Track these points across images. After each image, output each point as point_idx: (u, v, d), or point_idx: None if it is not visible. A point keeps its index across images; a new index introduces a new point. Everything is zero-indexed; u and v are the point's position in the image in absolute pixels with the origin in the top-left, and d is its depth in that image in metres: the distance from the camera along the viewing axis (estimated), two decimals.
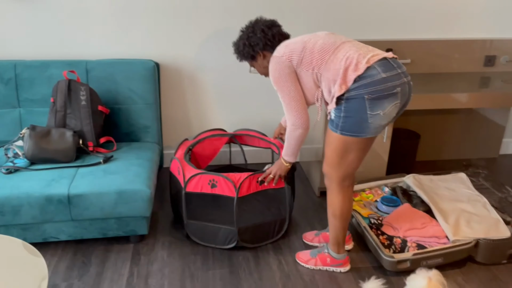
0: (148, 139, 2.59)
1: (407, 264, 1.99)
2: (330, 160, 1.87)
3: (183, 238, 2.28)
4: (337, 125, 1.77)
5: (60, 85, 2.30)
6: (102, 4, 2.55)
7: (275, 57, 1.83)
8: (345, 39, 1.81)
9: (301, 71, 1.81)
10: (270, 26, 1.94)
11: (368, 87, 1.66)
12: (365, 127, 1.72)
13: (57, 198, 1.99)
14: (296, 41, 1.83)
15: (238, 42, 1.99)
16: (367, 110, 1.68)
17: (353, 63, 1.69)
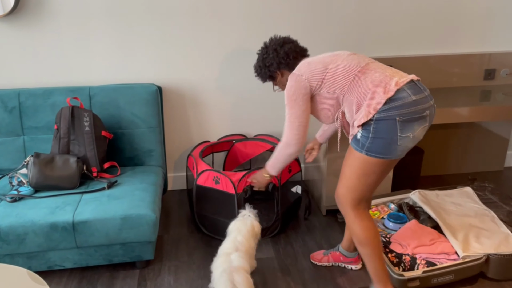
0: (152, 163, 2.59)
1: (417, 282, 1.96)
2: (348, 182, 1.80)
3: (190, 262, 2.25)
4: (363, 145, 1.71)
5: (63, 112, 2.32)
6: (103, 29, 2.59)
7: (295, 75, 1.81)
8: (368, 60, 1.78)
9: (322, 92, 1.78)
10: (282, 44, 1.92)
11: (400, 109, 1.64)
12: (393, 149, 1.68)
13: (62, 225, 1.98)
14: (318, 61, 1.80)
15: (256, 65, 2.01)
16: (398, 132, 1.65)
17: (382, 85, 1.67)
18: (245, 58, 2.78)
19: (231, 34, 2.72)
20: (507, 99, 2.68)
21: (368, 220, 1.84)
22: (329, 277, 2.13)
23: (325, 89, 1.77)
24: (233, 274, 1.73)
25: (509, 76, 3.00)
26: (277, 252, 2.33)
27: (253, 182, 2.16)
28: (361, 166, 1.74)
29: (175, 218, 2.67)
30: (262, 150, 2.81)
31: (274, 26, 2.73)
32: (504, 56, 2.95)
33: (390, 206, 2.52)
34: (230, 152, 2.86)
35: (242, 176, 2.28)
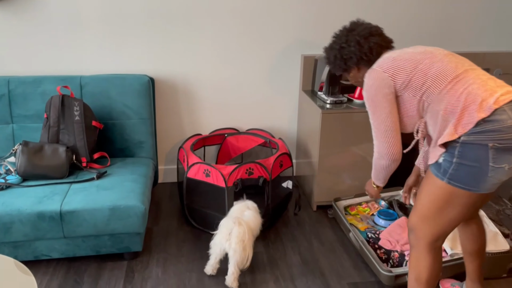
0: (143, 155, 2.57)
1: (405, 279, 1.96)
2: (424, 212, 1.52)
3: (178, 254, 2.24)
4: (445, 172, 1.43)
5: (53, 101, 2.29)
6: (96, 19, 2.56)
7: (376, 70, 1.54)
8: (468, 66, 1.47)
9: (406, 95, 1.51)
10: (367, 36, 1.62)
11: (495, 134, 1.34)
12: (481, 180, 1.39)
13: (49, 214, 1.96)
14: (406, 57, 1.52)
15: (328, 52, 1.72)
16: (490, 161, 1.36)
17: (477, 101, 1.37)
18: (240, 51, 2.76)
19: (225, 27, 2.70)
20: None
21: (439, 262, 1.59)
22: (317, 273, 2.13)
23: (409, 92, 1.50)
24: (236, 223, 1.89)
25: (502, 76, 3.01)
26: (266, 247, 2.32)
27: (368, 194, 1.92)
28: (441, 196, 1.47)
29: (165, 211, 2.66)
30: (254, 144, 2.80)
31: (268, 19, 2.71)
32: (498, 56, 2.96)
33: (381, 203, 2.53)
34: (222, 146, 2.85)
35: (233, 169, 2.27)
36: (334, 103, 2.53)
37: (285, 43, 2.78)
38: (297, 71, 2.86)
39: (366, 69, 1.64)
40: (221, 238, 1.94)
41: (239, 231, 1.91)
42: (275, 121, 2.97)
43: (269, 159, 2.41)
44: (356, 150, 2.53)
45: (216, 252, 1.99)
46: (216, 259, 2.03)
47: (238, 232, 1.91)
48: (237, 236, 1.91)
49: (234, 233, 1.91)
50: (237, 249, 1.91)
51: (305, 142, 2.79)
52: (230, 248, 1.92)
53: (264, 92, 2.89)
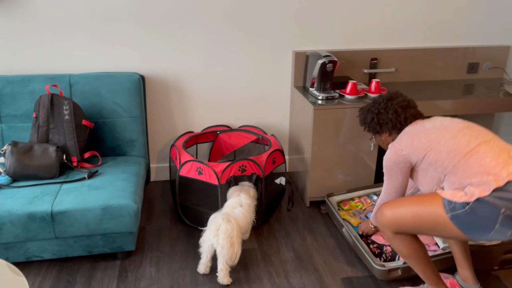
0: (134, 153, 2.55)
1: (398, 273, 1.97)
2: (403, 218, 1.65)
3: (172, 253, 2.23)
4: (453, 209, 1.54)
5: (42, 100, 2.26)
6: (85, 16, 2.53)
7: (395, 147, 1.72)
8: (482, 139, 1.60)
9: (424, 167, 1.67)
10: (405, 107, 1.79)
11: (508, 203, 1.47)
12: (481, 233, 1.52)
13: (40, 215, 1.94)
14: (423, 136, 1.67)
15: (365, 113, 1.89)
16: (497, 223, 1.48)
17: (491, 174, 1.50)
18: (231, 48, 2.75)
19: (216, 24, 2.68)
20: (489, 93, 2.71)
21: (410, 236, 1.73)
22: (311, 268, 2.13)
23: (425, 165, 1.66)
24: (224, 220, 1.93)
25: (491, 70, 3.04)
26: (260, 243, 2.32)
27: (361, 231, 2.18)
28: (433, 221, 1.60)
29: (157, 209, 2.64)
30: (246, 141, 2.79)
31: (259, 15, 2.70)
32: (487, 50, 2.98)
33: (373, 198, 2.54)
34: (214, 143, 2.84)
35: (225, 167, 2.27)
36: (325, 99, 2.53)
37: (276, 39, 2.77)
38: (288, 67, 2.86)
39: (396, 135, 1.81)
40: (209, 234, 1.95)
41: (226, 228, 1.92)
42: (267, 117, 2.96)
43: (262, 156, 2.41)
44: (348, 146, 2.54)
45: (205, 250, 2.00)
46: (207, 257, 2.03)
47: (226, 228, 1.92)
48: (225, 232, 1.92)
49: (222, 229, 1.92)
50: (224, 245, 1.92)
51: (298, 138, 2.79)
52: (218, 244, 1.93)
53: (256, 89, 2.88)
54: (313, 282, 2.03)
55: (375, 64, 2.87)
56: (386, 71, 2.90)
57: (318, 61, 2.53)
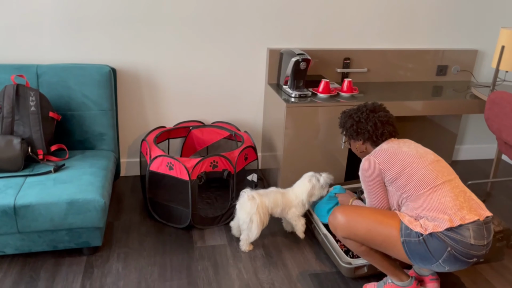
0: (104, 147, 2.50)
1: (364, 270, 2.01)
2: (356, 227, 1.75)
3: (140, 249, 2.20)
4: (408, 235, 1.67)
5: (7, 90, 2.19)
6: (54, 6, 2.46)
7: (372, 161, 1.79)
8: (448, 177, 1.72)
9: (390, 188, 1.78)
10: (385, 123, 1.88)
11: (455, 243, 1.60)
12: (423, 263, 1.67)
13: (2, 209, 1.88)
14: (399, 157, 1.76)
15: (346, 117, 1.97)
16: (440, 258, 1.63)
17: (447, 214, 1.63)
18: (205, 43, 2.73)
19: (190, 18, 2.65)
20: (457, 95, 2.79)
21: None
22: (280, 264, 2.14)
23: (393, 187, 1.76)
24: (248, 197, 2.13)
25: (460, 73, 3.12)
26: (230, 239, 2.32)
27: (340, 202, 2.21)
28: (385, 239, 1.71)
29: (127, 204, 2.60)
30: (219, 137, 2.78)
31: (234, 11, 2.69)
32: (456, 53, 3.06)
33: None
34: (187, 139, 2.81)
35: (196, 162, 2.25)
36: (298, 96, 2.55)
37: (250, 36, 2.77)
38: (262, 64, 2.86)
39: (370, 146, 1.92)
40: (237, 207, 2.19)
41: (247, 204, 2.13)
42: (241, 114, 2.96)
43: (233, 152, 2.40)
44: (320, 143, 2.56)
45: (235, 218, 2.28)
46: (236, 224, 2.28)
47: (246, 205, 2.13)
48: (245, 208, 2.13)
49: (243, 205, 2.15)
50: (244, 220, 2.14)
51: (270, 135, 2.80)
52: (239, 218, 2.16)
53: (230, 85, 2.87)
54: (281, 278, 2.05)
55: (348, 63, 2.90)
56: (358, 71, 2.94)
57: (292, 59, 2.54)
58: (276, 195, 2.22)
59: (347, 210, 1.80)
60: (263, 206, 2.15)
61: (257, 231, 2.15)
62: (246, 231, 2.18)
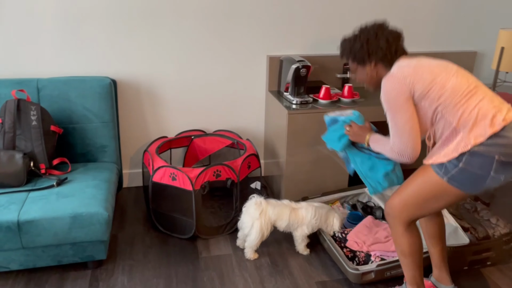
0: (106, 159, 2.49)
1: (372, 276, 2.00)
2: (409, 200, 1.64)
3: (145, 261, 2.19)
4: (447, 171, 1.54)
5: (8, 105, 2.18)
6: (53, 19, 2.46)
7: (396, 77, 1.58)
8: (476, 82, 1.58)
9: (422, 104, 1.58)
10: (397, 37, 1.69)
11: (502, 148, 1.47)
12: (478, 185, 1.53)
13: (6, 225, 1.87)
14: (426, 69, 1.58)
15: (352, 41, 1.72)
16: (492, 171, 1.49)
17: (488, 117, 1.49)
18: (204, 52, 2.73)
19: (189, 27, 2.65)
20: None
21: (417, 236, 1.73)
22: (286, 273, 2.13)
23: (426, 102, 1.57)
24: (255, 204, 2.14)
25: None
26: (235, 249, 2.31)
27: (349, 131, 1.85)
28: (434, 189, 1.59)
29: (130, 216, 2.59)
30: (221, 146, 2.78)
31: (233, 19, 2.69)
32: (455, 55, 3.06)
33: (348, 207, 2.55)
34: (189, 148, 2.81)
35: (199, 172, 2.24)
36: (300, 103, 2.55)
37: (250, 44, 2.77)
38: (262, 72, 2.86)
39: (381, 68, 1.70)
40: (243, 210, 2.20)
41: (252, 208, 2.15)
42: (242, 122, 2.95)
43: (236, 161, 2.40)
44: (322, 149, 2.55)
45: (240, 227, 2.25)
46: (242, 233, 2.25)
47: (251, 209, 2.15)
48: (249, 214, 2.14)
49: (248, 211, 2.16)
50: (246, 225, 2.15)
51: (272, 142, 2.79)
52: (242, 222, 2.18)
53: (231, 93, 2.87)
54: (288, 287, 2.03)
55: (348, 69, 2.90)
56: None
57: (292, 66, 2.54)
58: (284, 209, 2.18)
59: (394, 194, 1.70)
60: (266, 214, 2.14)
61: (255, 237, 2.13)
62: (248, 238, 2.17)
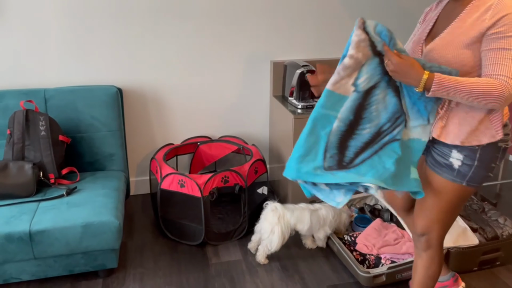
0: (114, 167, 2.50)
1: (383, 279, 2.00)
2: (439, 217, 1.51)
3: (156, 268, 2.19)
4: (464, 176, 1.41)
5: (17, 116, 2.20)
6: (58, 29, 2.48)
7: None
8: None
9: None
10: None
11: (507, 136, 1.39)
12: (486, 178, 1.43)
13: (18, 235, 1.87)
14: None
15: None
16: (498, 160, 1.40)
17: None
18: (208, 59, 2.75)
19: (193, 34, 2.67)
20: None
21: (442, 256, 1.66)
22: (297, 278, 2.14)
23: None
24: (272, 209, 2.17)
25: None
26: (244, 254, 2.31)
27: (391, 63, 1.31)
28: (458, 197, 1.47)
29: (139, 224, 2.60)
30: (227, 152, 2.79)
31: (237, 25, 2.71)
32: None
33: (356, 210, 2.56)
34: (195, 155, 2.82)
35: (208, 178, 2.25)
36: (305, 107, 2.56)
37: (254, 49, 2.79)
38: (267, 77, 2.87)
39: None
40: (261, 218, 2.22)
41: (270, 215, 2.16)
42: (247, 127, 2.97)
43: (244, 166, 2.41)
44: None
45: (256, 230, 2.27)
46: (256, 237, 2.27)
47: (269, 215, 2.16)
48: (268, 218, 2.16)
49: (266, 216, 2.18)
50: (265, 230, 2.16)
51: (278, 147, 2.80)
52: (261, 227, 2.19)
53: (235, 99, 2.88)
54: None
55: None
56: None
57: (297, 71, 2.56)
58: (303, 212, 2.21)
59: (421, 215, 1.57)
60: (285, 218, 2.15)
61: (277, 242, 2.14)
62: (265, 241, 2.18)
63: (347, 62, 1.35)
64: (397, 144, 1.37)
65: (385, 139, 1.38)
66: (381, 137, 1.37)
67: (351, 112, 1.37)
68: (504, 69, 1.23)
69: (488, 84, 1.23)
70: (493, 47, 1.26)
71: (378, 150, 1.37)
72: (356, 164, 1.35)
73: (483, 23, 1.28)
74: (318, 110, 1.39)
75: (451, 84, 1.25)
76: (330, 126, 1.38)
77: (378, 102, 1.37)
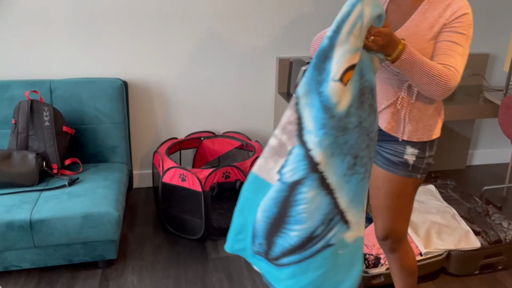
0: (116, 160, 2.52)
1: (381, 279, 1.99)
2: (404, 213, 1.53)
3: (155, 261, 2.20)
4: (418, 169, 1.46)
5: (21, 106, 2.22)
6: (65, 20, 2.50)
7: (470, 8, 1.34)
8: None
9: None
10: None
11: None
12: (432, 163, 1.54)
13: (19, 224, 1.90)
14: None
15: None
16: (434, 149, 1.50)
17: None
18: (214, 54, 2.75)
19: (199, 29, 2.67)
20: (470, 99, 2.76)
21: (411, 248, 1.66)
22: None
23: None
24: None
25: (471, 77, 3.09)
26: None
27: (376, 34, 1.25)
28: (413, 190, 1.52)
29: (140, 217, 2.61)
30: (230, 147, 2.79)
31: (243, 21, 2.71)
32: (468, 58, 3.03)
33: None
34: (198, 150, 2.82)
35: (209, 173, 2.25)
36: None
37: (260, 45, 2.78)
38: (272, 73, 2.86)
39: None
40: None
41: None
42: (252, 123, 2.96)
43: (246, 162, 2.40)
44: None
45: None
46: None
47: None
48: None
49: None
50: None
51: None
52: None
53: (240, 95, 2.88)
54: None
55: None
56: None
57: (302, 68, 2.54)
58: None
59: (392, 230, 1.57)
60: None
61: None
62: None
63: (271, 142, 1.20)
64: (329, 251, 1.22)
65: (318, 246, 1.21)
66: (313, 243, 1.21)
67: (275, 205, 1.20)
68: (453, 61, 1.30)
69: (443, 70, 1.28)
70: (445, 39, 1.33)
71: (309, 257, 1.22)
72: (282, 264, 1.23)
73: (442, 20, 1.34)
74: (244, 192, 1.26)
75: (417, 58, 1.27)
76: (256, 213, 1.25)
77: (307, 202, 1.17)
